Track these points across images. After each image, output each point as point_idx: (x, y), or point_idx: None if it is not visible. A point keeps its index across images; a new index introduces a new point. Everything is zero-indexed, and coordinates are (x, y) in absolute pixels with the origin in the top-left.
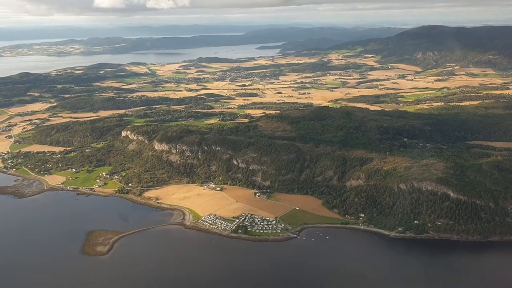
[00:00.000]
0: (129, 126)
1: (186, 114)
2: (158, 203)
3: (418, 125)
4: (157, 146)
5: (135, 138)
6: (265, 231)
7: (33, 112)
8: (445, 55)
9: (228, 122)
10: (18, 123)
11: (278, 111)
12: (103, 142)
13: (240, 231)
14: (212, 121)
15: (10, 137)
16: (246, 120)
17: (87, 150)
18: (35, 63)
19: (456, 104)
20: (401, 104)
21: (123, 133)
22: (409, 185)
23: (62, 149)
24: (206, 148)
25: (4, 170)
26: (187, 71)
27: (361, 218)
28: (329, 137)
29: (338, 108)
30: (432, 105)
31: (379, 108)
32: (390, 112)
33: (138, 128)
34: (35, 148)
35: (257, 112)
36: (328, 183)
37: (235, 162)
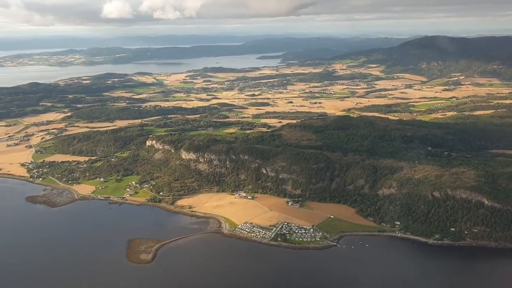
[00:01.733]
0: (152, 135)
1: (205, 123)
2: (192, 211)
3: (439, 134)
4: (184, 155)
5: (160, 147)
6: (304, 239)
7: (49, 122)
8: (450, 65)
9: (247, 131)
10: (35, 133)
11: (295, 120)
12: (127, 152)
13: (279, 239)
14: (231, 130)
15: (30, 146)
16: (265, 129)
17: (112, 159)
18: (39, 73)
19: (470, 113)
20: (415, 114)
21: (148, 143)
22: (443, 193)
23: (86, 158)
24: (234, 157)
25: (31, 179)
26: (194, 81)
27: (397, 226)
28: (355, 146)
29: (359, 117)
30: (445, 115)
31: (394, 118)
32: (409, 122)
33: (163, 138)
34: (58, 157)
35: (272, 121)
36: (359, 192)
37: (264, 171)
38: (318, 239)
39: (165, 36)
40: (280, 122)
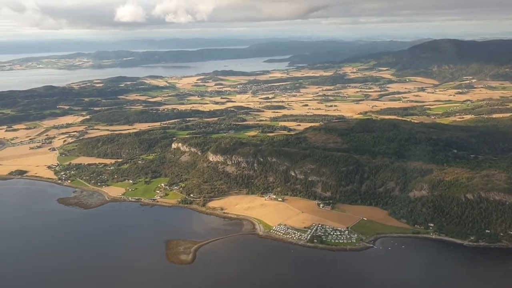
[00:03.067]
0: (177, 138)
1: (226, 126)
2: (224, 213)
3: (463, 137)
4: (212, 157)
5: (187, 149)
6: (340, 241)
7: (68, 125)
8: (461, 69)
9: (268, 134)
10: (56, 135)
11: (313, 123)
12: (153, 154)
13: (315, 240)
14: (252, 133)
15: (54, 149)
16: (286, 132)
17: (139, 161)
18: (49, 76)
19: (488, 116)
20: (432, 117)
21: (174, 145)
22: (476, 195)
23: (112, 161)
24: (261, 159)
25: (59, 182)
26: (206, 84)
27: (430, 227)
28: (382, 149)
29: (383, 120)
30: (463, 118)
31: (415, 121)
32: (432, 125)
33: (189, 140)
34: (83, 160)
35: (291, 124)
36: (390, 194)
37: (293, 174)
38: (354, 241)
39: (169, 39)
40: (299, 125)
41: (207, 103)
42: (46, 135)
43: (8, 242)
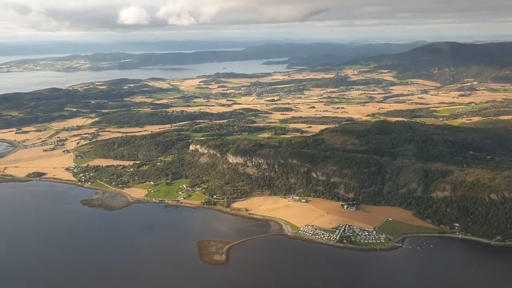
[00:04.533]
0: (195, 140)
1: (239, 128)
2: (249, 214)
3: (478, 139)
4: (232, 159)
5: (205, 151)
6: (369, 241)
7: (79, 127)
8: (462, 71)
9: (281, 136)
10: (67, 137)
11: (324, 125)
12: (170, 156)
13: (345, 241)
14: (265, 134)
15: (68, 151)
16: (298, 134)
17: (158, 163)
18: (48, 78)
19: (496, 118)
20: (440, 119)
21: (192, 147)
22: (500, 195)
23: (129, 163)
24: (282, 161)
25: (79, 183)
26: (209, 86)
27: (456, 228)
28: (401, 150)
29: (398, 122)
30: (470, 120)
31: (427, 123)
32: (445, 126)
33: (207, 142)
34: (100, 162)
35: (301, 126)
36: (413, 195)
37: (314, 175)
38: (383, 241)
39: (164, 41)
40: (310, 127)
41: (214, 105)
42: (58, 137)
43: (39, 244)
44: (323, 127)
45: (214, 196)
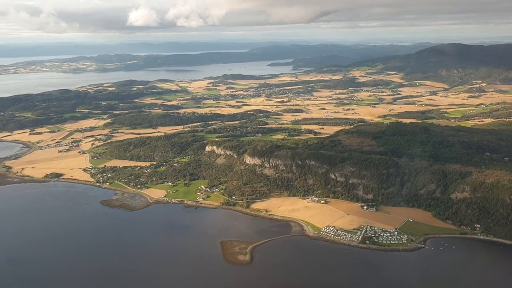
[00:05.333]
0: (211, 141)
1: (253, 129)
2: (269, 215)
3: (493, 140)
4: (249, 160)
5: (222, 152)
6: (391, 242)
7: (92, 128)
8: (470, 72)
9: (295, 137)
10: (81, 138)
11: (336, 127)
12: (186, 157)
13: (367, 241)
14: (279, 136)
15: (83, 152)
16: (312, 135)
17: (175, 164)
18: (56, 79)
19: (509, 120)
20: (452, 120)
21: (208, 148)
22: None
23: (146, 163)
24: (300, 162)
25: (98, 184)
26: (217, 87)
27: (477, 228)
28: (418, 152)
29: (413, 123)
30: (482, 121)
31: (440, 124)
32: (460, 128)
33: (224, 143)
34: (116, 163)
35: (314, 127)
36: (432, 196)
37: (333, 176)
38: (405, 242)
39: (167, 43)
40: (322, 128)
41: (224, 107)
42: (72, 138)
43: (65, 244)
44: (335, 128)
45: (233, 197)
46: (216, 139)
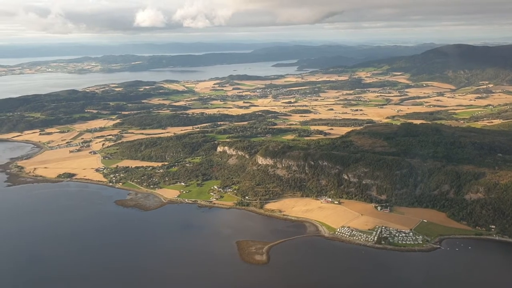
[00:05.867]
0: (222, 141)
1: (263, 130)
2: (283, 215)
3: (504, 141)
4: (261, 160)
5: (234, 153)
6: (407, 242)
7: (101, 129)
8: (476, 73)
9: (305, 138)
10: (92, 139)
11: (346, 128)
12: (198, 157)
13: (383, 242)
14: (289, 136)
15: (94, 152)
16: (322, 136)
17: (187, 164)
18: (62, 80)
19: None
20: (461, 121)
21: (219, 149)
22: None
23: (157, 164)
24: (312, 163)
25: (111, 184)
26: (224, 88)
27: (492, 229)
28: (430, 153)
29: (424, 124)
30: (491, 122)
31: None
32: (471, 129)
33: (235, 144)
34: (128, 163)
35: (323, 128)
36: (445, 196)
37: (346, 177)
38: (421, 242)
39: (171, 43)
40: (332, 129)
41: (231, 107)
42: (82, 138)
43: (83, 243)
44: (344, 129)
45: (247, 197)
46: (227, 140)
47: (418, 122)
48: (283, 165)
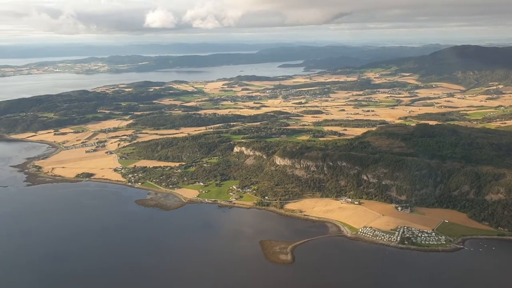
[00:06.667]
0: (238, 142)
1: (277, 131)
2: (304, 215)
3: None
4: (279, 161)
5: (251, 153)
6: (430, 242)
7: (115, 129)
8: (486, 74)
9: (320, 138)
10: (106, 139)
11: (360, 128)
12: (214, 157)
13: (406, 242)
14: (304, 137)
15: (110, 152)
16: (337, 137)
17: (204, 165)
18: (71, 80)
19: None
20: (474, 122)
21: (236, 149)
22: None
23: (174, 164)
24: (331, 163)
25: (130, 184)
26: (233, 89)
27: None
28: (448, 153)
29: (440, 125)
30: (505, 123)
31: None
32: (487, 130)
33: (252, 144)
34: (145, 163)
35: (337, 129)
36: (466, 197)
37: (365, 177)
38: (444, 242)
39: (176, 44)
40: (345, 129)
41: (242, 108)
42: (96, 138)
43: (110, 242)
44: (358, 130)
45: (266, 198)
46: (243, 140)
47: (432, 123)
48: (302, 165)
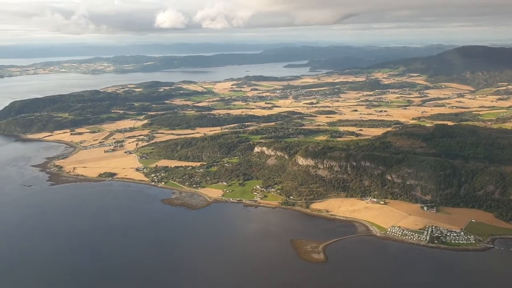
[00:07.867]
0: (258, 142)
1: (294, 131)
2: (331, 215)
3: None
4: (302, 161)
5: (272, 153)
6: (460, 242)
7: (131, 129)
8: (495, 75)
9: (338, 139)
10: (124, 139)
11: (375, 129)
12: (235, 157)
13: (436, 241)
14: (321, 137)
15: (129, 152)
16: (354, 137)
17: (226, 164)
18: (78, 80)
19: None
20: (489, 122)
21: (257, 149)
22: None
23: (195, 164)
24: (355, 163)
25: (153, 183)
26: (242, 89)
27: None
28: (471, 154)
29: (459, 126)
30: None
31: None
32: (506, 130)
33: (273, 144)
34: (166, 162)
35: (352, 129)
36: (491, 197)
37: (389, 177)
38: (474, 242)
39: (178, 44)
40: (361, 130)
41: (254, 108)
42: (113, 138)
43: (141, 240)
44: (373, 130)
45: (291, 197)
46: (262, 140)
47: (447, 123)
48: (325, 165)
